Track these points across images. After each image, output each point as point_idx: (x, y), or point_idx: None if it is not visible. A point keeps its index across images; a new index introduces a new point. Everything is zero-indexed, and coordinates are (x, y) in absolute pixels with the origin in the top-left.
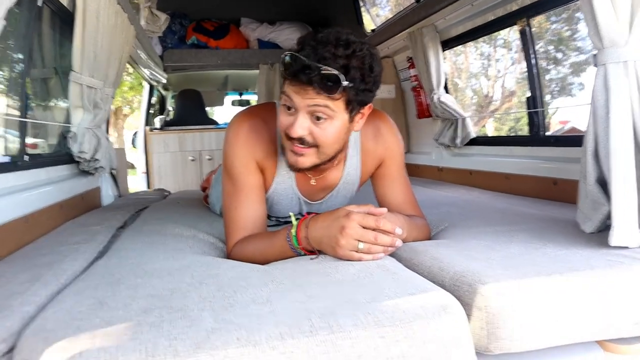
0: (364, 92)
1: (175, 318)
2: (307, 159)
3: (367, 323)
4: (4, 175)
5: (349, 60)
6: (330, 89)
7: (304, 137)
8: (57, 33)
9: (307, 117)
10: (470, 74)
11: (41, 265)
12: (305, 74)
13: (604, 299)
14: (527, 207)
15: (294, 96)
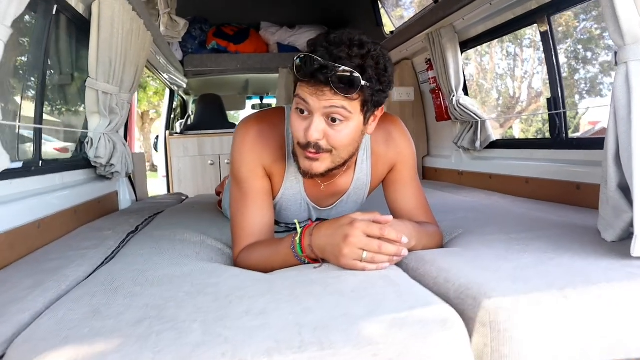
0: (379, 92)
1: (164, 330)
2: (322, 164)
3: (359, 340)
4: (18, 181)
5: (364, 60)
6: (348, 89)
7: (319, 142)
8: (74, 40)
9: (323, 119)
10: (496, 74)
11: (46, 270)
12: (323, 74)
13: (622, 315)
14: (546, 213)
15: (310, 98)
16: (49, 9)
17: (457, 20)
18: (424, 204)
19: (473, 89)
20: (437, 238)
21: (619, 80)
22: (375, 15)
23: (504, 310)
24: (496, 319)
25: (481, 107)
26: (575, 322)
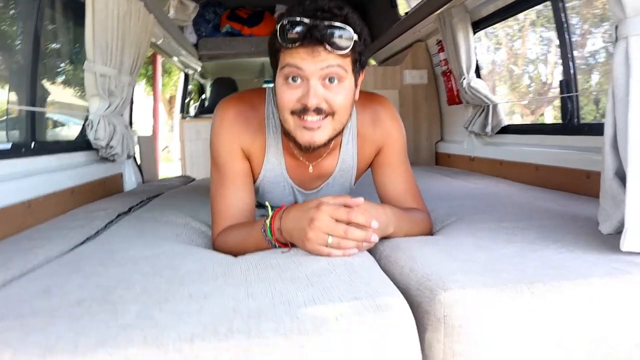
0: (364, 51)
1: (100, 311)
2: (323, 132)
3: (289, 329)
4: (6, 162)
5: (347, 17)
6: (342, 45)
7: (320, 105)
8: (71, 22)
9: (319, 82)
10: (528, 60)
11: (21, 249)
12: (317, 31)
13: (598, 315)
14: (550, 202)
15: (303, 63)
16: None
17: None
18: (412, 189)
19: (502, 74)
20: (423, 225)
21: (618, 58)
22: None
23: (460, 305)
24: (450, 313)
25: (510, 93)
26: (541, 321)
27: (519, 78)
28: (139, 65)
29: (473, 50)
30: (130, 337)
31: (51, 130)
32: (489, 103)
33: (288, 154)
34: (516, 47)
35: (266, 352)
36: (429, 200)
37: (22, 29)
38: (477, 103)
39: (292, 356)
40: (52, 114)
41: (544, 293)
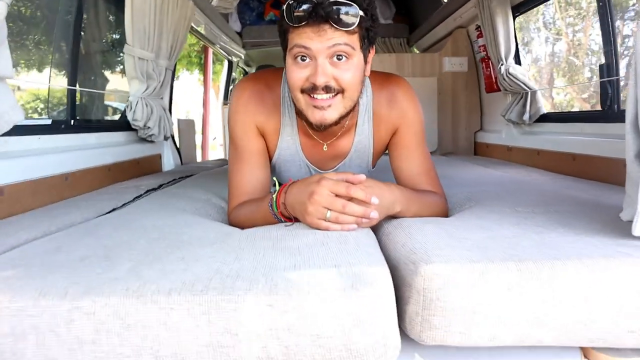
0: (372, 27)
1: (97, 266)
2: (334, 111)
3: (260, 289)
4: (47, 137)
5: None
6: (348, 22)
7: (329, 84)
8: (113, 8)
9: (327, 61)
10: (590, 51)
11: (52, 215)
12: (322, 9)
13: (592, 297)
14: (579, 191)
15: (310, 42)
16: None
17: None
18: (428, 171)
19: (562, 66)
20: (434, 207)
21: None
22: None
23: (439, 278)
24: (430, 286)
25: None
26: (527, 298)
27: (578, 70)
28: (177, 50)
29: (512, 35)
30: (115, 287)
31: (95, 110)
32: (528, 90)
33: (303, 133)
34: (577, 37)
35: (235, 308)
36: (452, 187)
37: (64, 14)
38: (515, 90)
39: (260, 313)
40: (96, 96)
41: (532, 271)
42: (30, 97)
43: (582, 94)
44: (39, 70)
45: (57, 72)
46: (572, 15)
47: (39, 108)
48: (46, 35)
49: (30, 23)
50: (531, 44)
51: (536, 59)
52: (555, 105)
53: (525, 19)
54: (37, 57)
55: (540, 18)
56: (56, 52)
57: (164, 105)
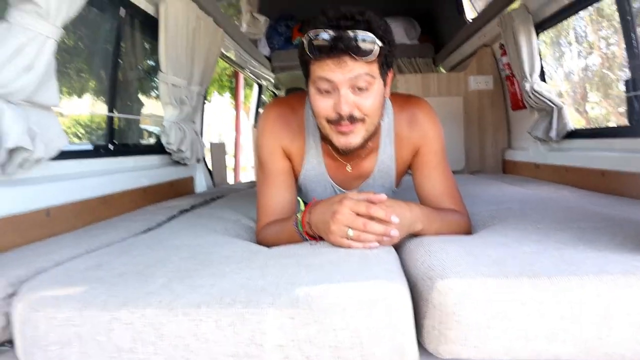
0: (390, 52)
1: (133, 281)
2: (357, 136)
3: (283, 302)
4: (87, 161)
5: (370, 22)
6: (367, 52)
7: (352, 113)
8: (148, 37)
9: (349, 91)
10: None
11: (90, 235)
12: (342, 42)
13: (610, 313)
14: (606, 207)
15: (332, 74)
16: (116, 10)
17: (529, 0)
18: (451, 190)
19: (595, 80)
20: (456, 225)
21: None
22: (456, 3)
23: (455, 292)
24: (445, 300)
25: (604, 100)
26: (543, 314)
27: (613, 84)
28: (208, 76)
29: (536, 53)
30: (149, 300)
31: (131, 135)
32: (554, 107)
33: (327, 154)
34: (611, 50)
35: (259, 320)
36: (477, 205)
37: (103, 45)
38: (541, 107)
39: (281, 325)
40: (132, 121)
41: (548, 286)
42: (70, 122)
43: (618, 108)
44: (78, 96)
45: (96, 98)
46: (605, 27)
47: (79, 132)
48: (87, 64)
49: (72, 53)
50: (563, 58)
51: (569, 73)
52: (589, 120)
53: (556, 33)
54: (78, 84)
55: (572, 32)
56: (96, 80)
57: (196, 129)
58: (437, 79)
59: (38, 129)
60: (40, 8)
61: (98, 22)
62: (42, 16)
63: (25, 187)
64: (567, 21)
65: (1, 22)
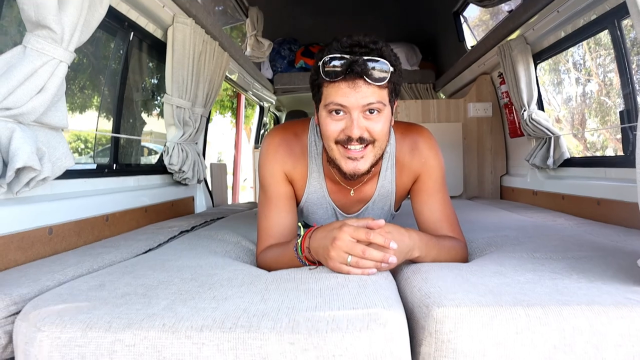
0: (399, 80)
1: (137, 302)
2: (366, 161)
3: (284, 328)
4: (92, 180)
5: (382, 50)
6: (381, 78)
7: (363, 135)
8: (155, 60)
9: (361, 114)
10: None
11: (93, 254)
12: (357, 66)
13: (603, 344)
14: (601, 236)
15: (345, 99)
16: (126, 34)
17: (528, 31)
18: (449, 217)
19: (593, 107)
20: (453, 253)
21: None
22: (457, 31)
23: (450, 320)
24: (441, 328)
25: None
26: (535, 343)
27: (610, 110)
28: (212, 99)
29: (534, 82)
30: (153, 323)
31: (134, 154)
32: (551, 135)
33: (329, 179)
34: (609, 77)
35: (260, 345)
36: (474, 231)
37: (111, 68)
38: (539, 135)
39: (282, 350)
40: (132, 141)
41: (540, 316)
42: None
43: (616, 135)
44: (80, 112)
45: (101, 115)
46: (602, 55)
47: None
48: (93, 84)
49: (78, 70)
50: (562, 85)
51: (567, 99)
52: (587, 146)
53: (555, 60)
54: (81, 101)
55: (570, 59)
56: (102, 99)
57: (198, 150)
58: (437, 105)
59: (46, 148)
60: (55, 34)
61: (106, 44)
62: (57, 41)
63: (28, 205)
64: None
65: (17, 47)
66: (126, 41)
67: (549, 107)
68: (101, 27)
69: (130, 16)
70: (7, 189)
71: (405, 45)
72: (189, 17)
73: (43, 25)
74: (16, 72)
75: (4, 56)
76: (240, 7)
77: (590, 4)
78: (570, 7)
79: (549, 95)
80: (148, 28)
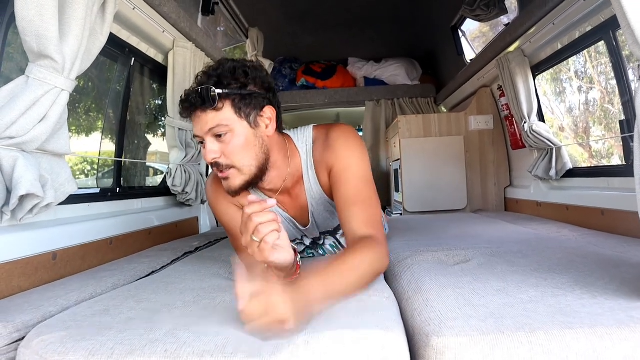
0: (248, 95)
1: (140, 327)
2: (234, 180)
3: (284, 354)
4: (95, 204)
5: (219, 75)
6: (208, 101)
7: (218, 160)
8: (157, 83)
9: (213, 139)
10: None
11: (96, 277)
12: (189, 100)
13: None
14: (606, 248)
15: (195, 128)
16: (127, 60)
17: (525, 44)
18: (365, 211)
19: (597, 115)
20: (356, 272)
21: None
22: (455, 45)
23: (451, 351)
24: (441, 358)
25: (607, 133)
26: None
27: (615, 118)
28: None
29: (534, 94)
30: (155, 349)
31: (138, 176)
32: (553, 146)
33: (269, 194)
34: (612, 85)
35: None
36: (478, 245)
37: (114, 92)
38: (540, 147)
39: None
40: (136, 163)
41: (543, 342)
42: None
43: (620, 142)
44: (86, 135)
45: (105, 138)
46: (604, 63)
47: (86, 170)
48: (97, 108)
49: (82, 93)
50: (564, 94)
51: (570, 109)
52: (593, 154)
53: (556, 69)
54: (86, 124)
55: (572, 68)
56: (105, 122)
57: (201, 171)
58: (438, 119)
59: (49, 175)
60: (57, 63)
61: (109, 69)
62: (58, 71)
63: (32, 231)
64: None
65: (21, 77)
66: (127, 66)
67: (552, 116)
68: (103, 53)
69: (131, 42)
70: (11, 216)
71: (405, 60)
72: (189, 42)
73: (45, 56)
74: (19, 101)
75: (8, 87)
76: (240, 29)
77: (585, 16)
78: (565, 20)
79: (552, 104)
80: (149, 53)
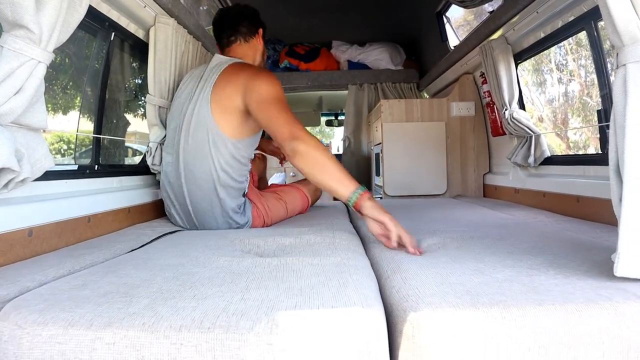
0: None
1: (118, 301)
2: None
3: (263, 329)
4: (73, 181)
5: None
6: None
7: None
8: (138, 60)
9: None
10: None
11: (74, 255)
12: None
13: (575, 344)
14: (580, 233)
15: None
16: (107, 34)
17: (509, 32)
18: None
19: (575, 106)
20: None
21: (617, 85)
22: (439, 31)
23: (428, 325)
24: (419, 333)
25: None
26: (513, 345)
27: (593, 110)
28: None
29: (515, 82)
30: (133, 322)
31: (118, 155)
32: (532, 134)
33: None
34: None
35: (238, 346)
36: (457, 228)
37: (93, 68)
38: (520, 134)
39: (260, 351)
40: (115, 142)
41: (517, 318)
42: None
43: (596, 134)
44: (64, 113)
45: (83, 116)
46: (584, 56)
47: (62, 149)
48: (75, 85)
49: (59, 70)
50: (544, 85)
51: (550, 100)
52: (570, 145)
53: (537, 60)
54: (63, 101)
55: (553, 60)
56: (83, 99)
57: None
58: (420, 104)
59: (25, 150)
60: (33, 34)
61: (87, 44)
62: (35, 42)
63: (7, 207)
64: (547, 50)
65: None
66: (107, 41)
67: (532, 106)
68: (81, 27)
69: (111, 16)
70: None
71: (389, 45)
72: (171, 18)
73: (20, 25)
74: None
75: None
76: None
77: (568, 6)
78: (549, 9)
79: (532, 94)
80: (129, 28)
